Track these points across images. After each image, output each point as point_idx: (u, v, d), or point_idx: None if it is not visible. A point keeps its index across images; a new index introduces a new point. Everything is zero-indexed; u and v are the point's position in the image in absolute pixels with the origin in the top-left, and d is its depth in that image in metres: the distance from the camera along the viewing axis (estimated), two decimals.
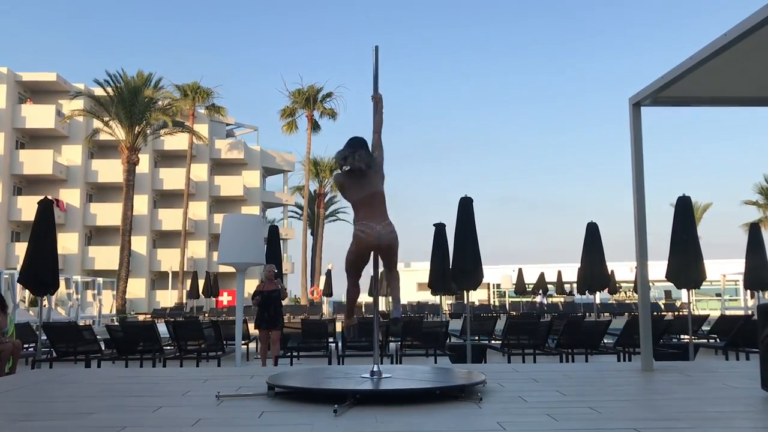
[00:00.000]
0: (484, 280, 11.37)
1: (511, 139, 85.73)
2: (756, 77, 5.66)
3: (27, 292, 23.88)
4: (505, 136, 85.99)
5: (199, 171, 47.53)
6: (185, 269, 42.05)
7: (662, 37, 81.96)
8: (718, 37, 4.67)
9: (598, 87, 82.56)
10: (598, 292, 16.07)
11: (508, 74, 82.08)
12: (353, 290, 5.31)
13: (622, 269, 38.21)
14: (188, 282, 35.68)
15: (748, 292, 27.68)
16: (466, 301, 12.20)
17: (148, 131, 36.14)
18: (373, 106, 5.39)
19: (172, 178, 46.08)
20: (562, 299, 38.69)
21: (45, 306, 13.77)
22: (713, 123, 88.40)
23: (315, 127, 46.09)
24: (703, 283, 11.10)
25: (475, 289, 11.25)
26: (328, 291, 34.71)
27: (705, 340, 12.85)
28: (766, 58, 5.09)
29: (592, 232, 14.79)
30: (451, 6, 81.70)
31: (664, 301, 35.49)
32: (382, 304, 34.21)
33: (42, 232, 10.56)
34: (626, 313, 28.31)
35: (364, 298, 41.55)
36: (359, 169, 4.99)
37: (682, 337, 13.12)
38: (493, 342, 12.52)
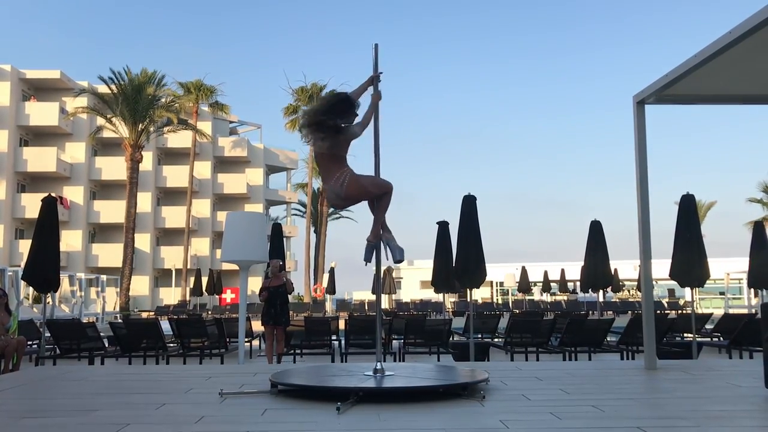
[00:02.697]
0: (487, 278, 11.37)
1: (514, 136, 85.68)
2: (760, 75, 5.64)
3: (31, 289, 23.93)
4: (508, 133, 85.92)
5: (203, 168, 47.60)
6: (188, 267, 42.13)
7: (668, 33, 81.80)
8: (723, 35, 4.65)
9: (603, 84, 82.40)
10: (601, 291, 16.08)
11: (511, 72, 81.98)
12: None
13: (626, 267, 38.18)
14: (191, 279, 35.76)
15: (752, 290, 27.65)
16: (469, 299, 12.21)
17: (152, 129, 36.18)
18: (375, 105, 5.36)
19: (176, 176, 46.14)
20: (565, 297, 38.66)
21: (49, 303, 13.82)
22: (717, 121, 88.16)
23: None
24: (707, 282, 11.08)
25: (478, 287, 11.26)
26: (331, 289, 34.74)
27: (708, 339, 12.83)
28: None
29: (596, 230, 14.79)
30: (455, 3, 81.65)
31: (667, 300, 35.43)
32: (385, 302, 34.25)
33: (46, 229, 10.59)
34: (629, 312, 28.27)
35: (366, 295, 41.71)
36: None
37: (685, 335, 13.12)
38: (496, 340, 12.53)
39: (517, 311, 27.84)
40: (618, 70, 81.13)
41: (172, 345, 11.10)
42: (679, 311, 28.51)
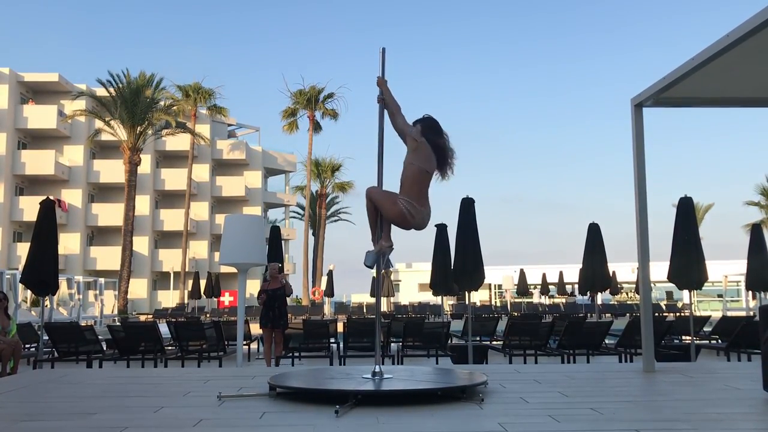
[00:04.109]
0: (486, 281, 11.37)
1: (512, 138, 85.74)
2: (758, 78, 5.65)
3: (29, 292, 23.90)
4: (506, 136, 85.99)
5: (201, 171, 47.57)
6: (187, 269, 42.09)
7: (666, 35, 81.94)
8: (720, 38, 4.66)
9: (601, 86, 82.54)
10: (599, 293, 16.08)
11: (510, 73, 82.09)
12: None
13: (624, 270, 38.21)
14: (190, 282, 35.72)
15: (750, 293, 27.65)
16: (467, 302, 12.20)
17: (150, 132, 36.17)
18: (379, 108, 5.32)
19: (174, 179, 46.13)
20: (563, 300, 38.68)
21: (47, 306, 13.80)
22: (715, 123, 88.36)
23: (316, 127, 46.11)
24: (705, 284, 11.10)
25: (476, 290, 11.26)
26: (329, 291, 34.71)
27: (707, 341, 12.84)
28: None
29: (594, 232, 14.79)
30: (456, 2, 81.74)
31: (665, 302, 35.46)
32: (383, 305, 34.23)
33: (44, 232, 10.59)
34: (628, 314, 28.28)
35: (365, 298, 41.69)
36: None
37: (683, 338, 13.13)
38: (494, 343, 12.52)
39: (516, 314, 27.85)
40: (616, 73, 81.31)
41: (170, 348, 11.08)
42: (677, 314, 28.50)
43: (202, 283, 32.99)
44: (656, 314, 17.62)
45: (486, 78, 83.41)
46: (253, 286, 40.32)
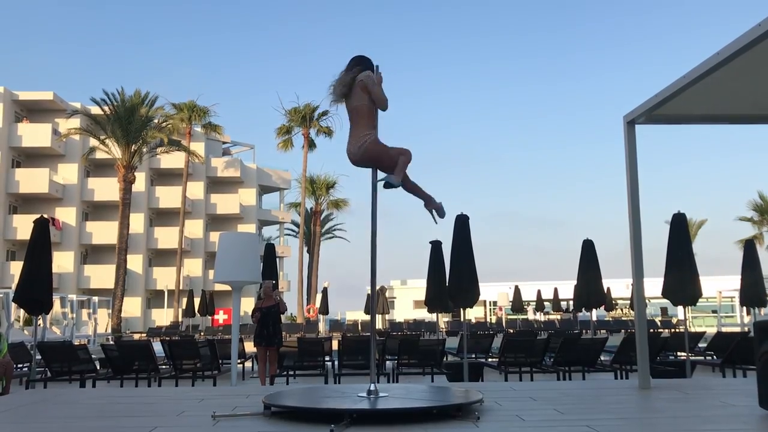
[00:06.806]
0: (481, 298, 11.37)
1: (507, 155, 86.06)
2: (748, 95, 5.70)
3: (21, 311, 23.73)
4: (501, 152, 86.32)
5: (196, 189, 47.55)
6: (181, 288, 41.91)
7: (659, 53, 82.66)
8: (711, 56, 4.72)
9: (595, 103, 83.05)
10: (594, 309, 16.09)
11: (504, 90, 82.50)
12: None
13: (619, 286, 38.21)
14: (184, 300, 35.57)
15: (744, 308, 27.68)
16: (462, 319, 12.18)
17: (145, 150, 36.17)
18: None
19: (168, 197, 46.07)
20: (558, 316, 38.62)
21: (40, 325, 13.69)
22: (707, 140, 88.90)
23: (311, 145, 46.17)
24: (699, 300, 11.10)
25: (471, 307, 11.25)
26: (324, 309, 34.58)
27: (702, 357, 12.83)
28: (759, 76, 5.14)
29: (588, 249, 14.83)
30: (450, 22, 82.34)
31: (660, 318, 35.44)
32: (378, 322, 34.14)
33: (37, 250, 10.55)
34: (623, 330, 28.25)
35: (359, 315, 41.49)
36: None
37: (678, 354, 13.12)
38: (490, 360, 12.49)
39: (511, 330, 27.80)
40: (610, 91, 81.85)
41: (164, 367, 11.02)
42: (672, 330, 28.52)
43: (197, 301, 32.84)
44: (651, 330, 17.60)
45: (480, 96, 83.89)
46: (248, 304, 40.15)
